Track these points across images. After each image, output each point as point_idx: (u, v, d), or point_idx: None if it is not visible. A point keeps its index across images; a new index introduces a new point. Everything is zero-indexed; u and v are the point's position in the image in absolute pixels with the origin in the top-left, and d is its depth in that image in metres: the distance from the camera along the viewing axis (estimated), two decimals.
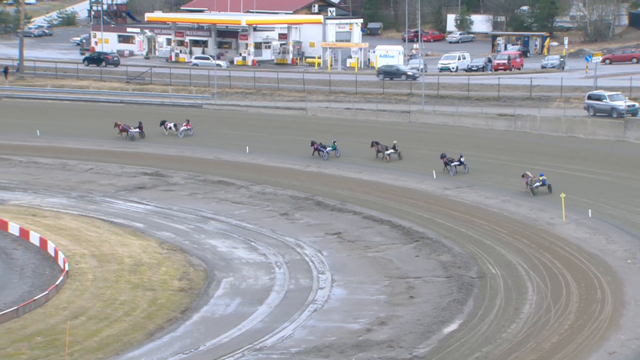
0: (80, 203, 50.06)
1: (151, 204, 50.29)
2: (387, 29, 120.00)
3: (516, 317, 33.48)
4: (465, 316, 33.81)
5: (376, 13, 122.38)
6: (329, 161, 58.71)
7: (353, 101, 73.75)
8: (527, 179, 49.79)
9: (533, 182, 49.51)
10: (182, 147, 63.01)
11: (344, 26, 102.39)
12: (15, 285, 35.72)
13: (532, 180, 49.55)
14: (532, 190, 49.40)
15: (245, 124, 67.57)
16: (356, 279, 38.53)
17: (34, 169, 57.43)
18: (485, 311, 34.15)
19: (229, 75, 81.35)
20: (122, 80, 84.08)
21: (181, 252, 41.65)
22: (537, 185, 49.45)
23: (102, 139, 65.06)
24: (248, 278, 38.58)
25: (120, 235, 43.48)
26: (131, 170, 57.12)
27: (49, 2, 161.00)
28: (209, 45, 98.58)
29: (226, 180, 54.81)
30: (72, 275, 36.83)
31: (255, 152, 61.56)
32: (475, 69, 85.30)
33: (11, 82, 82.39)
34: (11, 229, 42.46)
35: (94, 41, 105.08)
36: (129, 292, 35.75)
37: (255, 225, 46.47)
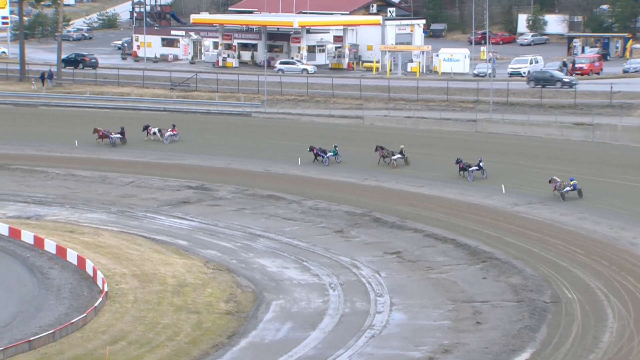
0: (121, 219, 50.64)
1: (196, 219, 50.67)
2: (452, 30, 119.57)
3: (595, 346, 33.00)
4: (537, 345, 33.41)
5: (440, 13, 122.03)
6: (388, 174, 58.57)
7: (414, 109, 73.56)
8: (554, 184, 51.65)
9: (563, 187, 51.39)
10: (230, 158, 63.41)
11: (405, 28, 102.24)
12: (51, 307, 36.20)
13: (561, 185, 51.45)
14: (563, 195, 51.19)
15: (297, 133, 67.81)
16: (417, 303, 38.33)
17: (72, 182, 58.26)
18: (560, 339, 33.72)
19: (279, 82, 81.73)
20: (165, 86, 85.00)
21: (228, 272, 41.86)
22: (568, 190, 51.33)
23: (143, 149, 65.78)
24: (300, 300, 38.61)
25: (162, 254, 43.86)
26: (175, 183, 57.63)
27: (89, 4, 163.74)
28: (258, 49, 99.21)
29: (276, 195, 55.02)
30: (111, 296, 37.23)
31: (307, 164, 61.70)
32: None
33: (48, 89, 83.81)
34: (47, 247, 43.08)
35: (136, 45, 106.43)
36: (172, 315, 36.00)
37: (308, 244, 46.54)
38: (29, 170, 60.33)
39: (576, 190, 51.42)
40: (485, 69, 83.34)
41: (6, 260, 41.80)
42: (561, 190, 51.49)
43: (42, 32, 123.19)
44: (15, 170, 60.39)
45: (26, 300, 36.74)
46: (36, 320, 34.76)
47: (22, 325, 34.15)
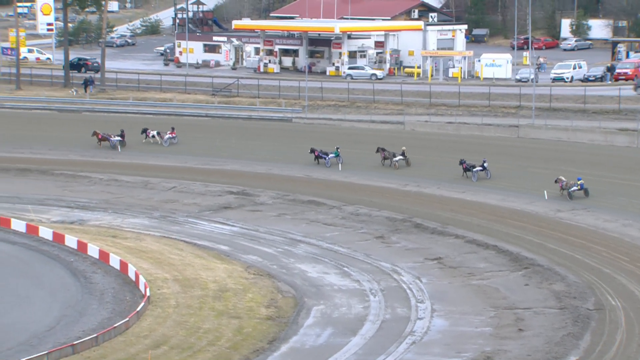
0: (163, 224, 50.99)
1: (237, 225, 50.87)
2: (494, 35, 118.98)
3: (639, 354, 32.60)
4: (581, 352, 33.12)
5: (482, 19, 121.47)
6: (428, 180, 58.41)
7: (455, 114, 73.29)
8: (561, 184, 52.96)
9: (569, 186, 52.63)
10: (271, 164, 63.59)
11: (447, 33, 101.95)
12: (94, 311, 36.52)
13: (567, 185, 52.71)
14: (570, 194, 52.51)
15: (337, 139, 67.84)
16: (459, 309, 38.16)
17: (114, 187, 58.74)
18: (604, 347, 33.39)
19: (320, 87, 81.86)
20: (207, 92, 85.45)
21: (268, 277, 41.98)
22: (575, 189, 52.59)
23: (185, 155, 66.17)
24: (340, 306, 38.61)
25: (204, 259, 44.10)
26: (216, 188, 57.91)
27: (132, 10, 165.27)
28: (299, 54, 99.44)
29: (317, 200, 55.08)
30: (153, 301, 37.48)
31: (348, 169, 61.72)
32: (593, 79, 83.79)
33: (92, 95, 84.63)
34: (90, 251, 43.50)
35: (178, 51, 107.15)
36: (213, 319, 36.16)
37: (348, 249, 46.54)
38: (72, 176, 60.92)
39: (582, 190, 52.51)
40: (528, 74, 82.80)
41: (50, 264, 42.27)
42: (568, 190, 52.62)
43: (86, 39, 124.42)
44: (60, 175, 61.03)
45: (70, 304, 37.11)
46: (79, 324, 35.08)
47: (66, 330, 34.49)
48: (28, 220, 48.70)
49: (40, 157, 65.53)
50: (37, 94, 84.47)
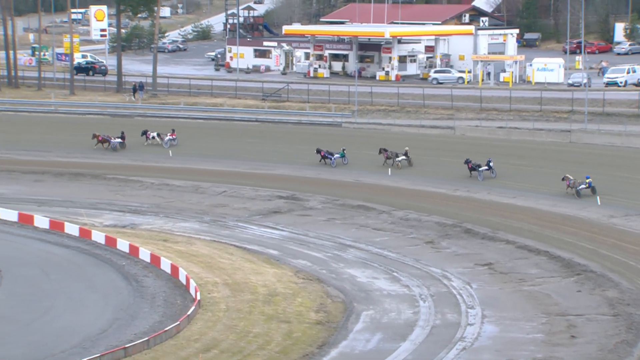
0: (213, 228, 51.28)
1: (286, 229, 51.00)
2: (546, 39, 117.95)
3: None
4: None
5: (534, 23, 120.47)
6: (479, 185, 58.05)
7: (506, 119, 72.78)
8: (568, 182, 54.36)
9: (577, 185, 54.05)
10: (320, 168, 63.68)
11: (498, 37, 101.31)
12: (146, 315, 36.82)
13: (575, 183, 54.14)
14: (578, 192, 53.98)
15: (387, 143, 67.68)
16: (509, 315, 37.87)
17: (165, 192, 59.21)
18: None
19: (370, 92, 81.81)
20: (257, 97, 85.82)
21: (318, 281, 42.01)
22: (583, 187, 54.02)
23: (236, 159, 66.48)
24: (390, 311, 38.52)
25: (254, 263, 44.26)
26: (266, 193, 58.11)
27: (184, 16, 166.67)
28: (349, 59, 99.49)
29: (366, 205, 55.02)
30: (204, 305, 37.70)
31: (398, 174, 61.58)
32: None
33: (144, 100, 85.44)
34: (142, 255, 43.87)
35: (229, 56, 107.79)
36: (263, 324, 36.27)
37: (398, 254, 46.42)
38: (124, 180, 61.50)
39: (590, 188, 53.86)
40: (581, 79, 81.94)
41: (103, 268, 42.71)
42: (576, 188, 54.06)
43: (139, 44, 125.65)
44: (112, 179, 61.65)
45: (122, 307, 37.46)
46: (131, 327, 35.38)
47: (118, 333, 34.82)
48: (81, 224, 49.28)
49: (93, 161, 66.26)
50: (90, 99, 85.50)
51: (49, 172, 62.65)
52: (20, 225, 49.41)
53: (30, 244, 46.05)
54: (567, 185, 54.73)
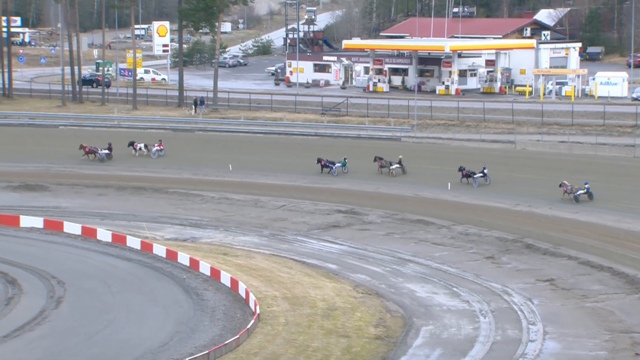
0: (272, 242, 51.47)
1: (345, 243, 50.99)
2: (609, 53, 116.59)
3: None
4: None
5: (597, 36, 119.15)
6: (540, 200, 57.46)
7: (568, 134, 72.01)
8: (565, 188, 56.26)
9: (575, 190, 55.80)
10: (379, 182, 63.60)
11: (560, 51, 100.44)
12: (206, 328, 37.05)
13: (572, 189, 55.91)
14: (576, 197, 55.93)
15: (447, 158, 67.47)
16: (572, 332, 37.37)
17: (226, 205, 59.58)
18: None
19: (430, 106, 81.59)
20: (317, 111, 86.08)
21: (377, 296, 41.91)
22: (581, 193, 55.90)
23: (295, 173, 66.70)
24: (450, 327, 38.27)
25: (312, 277, 44.31)
26: (325, 207, 58.18)
27: (244, 31, 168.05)
28: (409, 73, 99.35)
29: (426, 220, 54.79)
30: (263, 318, 37.83)
31: (457, 189, 61.24)
32: None
33: (204, 115, 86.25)
34: (202, 269, 44.18)
35: (289, 70, 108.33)
36: (322, 338, 36.27)
37: (457, 269, 46.13)
38: (185, 194, 62.03)
39: (587, 194, 55.92)
40: None
41: (164, 281, 43.11)
42: (574, 194, 56.01)
43: (200, 59, 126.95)
44: (173, 193, 62.22)
45: (182, 321, 37.75)
46: (192, 340, 35.62)
47: (179, 346, 35.08)
48: (143, 238, 49.82)
49: (155, 175, 66.96)
50: (152, 113, 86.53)
51: (111, 186, 63.47)
52: (83, 239, 50.11)
53: (93, 257, 46.67)
54: (564, 192, 56.41)
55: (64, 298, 40.02)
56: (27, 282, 41.88)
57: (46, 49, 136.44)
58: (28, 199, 60.12)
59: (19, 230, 51.41)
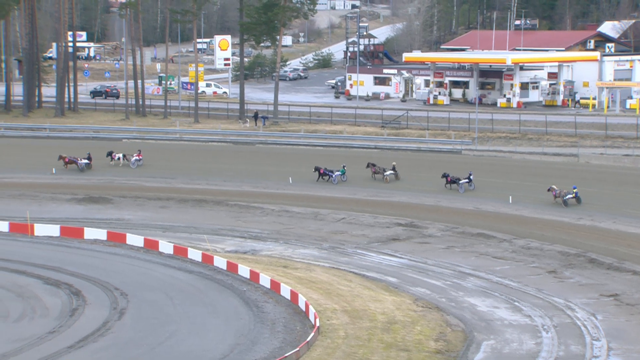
0: (332, 255, 51.49)
1: (405, 257, 50.81)
2: None
3: None
4: None
5: None
6: (603, 214, 56.67)
7: (633, 147, 70.96)
8: (554, 192, 58.41)
9: (564, 195, 58.02)
10: (439, 196, 63.31)
11: (624, 63, 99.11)
12: (266, 341, 37.16)
13: (561, 193, 58.17)
14: (565, 201, 58.23)
15: (508, 171, 66.94)
16: (637, 348, 36.76)
17: (285, 218, 59.77)
18: None
19: (491, 119, 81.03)
20: (376, 124, 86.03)
21: (437, 310, 41.67)
22: (570, 197, 58.18)
23: (354, 186, 66.67)
24: (511, 342, 37.89)
25: (372, 290, 44.21)
26: (384, 220, 58.06)
27: (305, 44, 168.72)
28: (470, 86, 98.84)
29: (486, 233, 54.38)
30: (323, 331, 37.82)
31: (519, 202, 60.68)
32: None
33: (265, 128, 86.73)
34: (262, 281, 44.36)
35: (349, 83, 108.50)
36: (382, 352, 36.15)
37: (519, 283, 45.68)
38: (245, 206, 62.36)
39: (576, 198, 58.32)
40: None
41: (224, 293, 43.37)
42: (563, 198, 58.21)
43: (261, 72, 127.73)
44: (234, 206, 62.60)
45: (243, 333, 37.91)
46: (252, 353, 35.74)
47: (239, 358, 35.20)
48: (204, 250, 50.21)
49: (216, 188, 67.47)
50: (213, 126, 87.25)
51: (173, 199, 64.08)
52: (146, 251, 50.65)
53: (155, 269, 47.15)
54: (554, 196, 58.57)
55: (126, 309, 40.48)
56: (90, 294, 42.46)
57: (110, 63, 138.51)
58: (92, 211, 61.00)
59: (83, 242, 52.17)
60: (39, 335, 36.96)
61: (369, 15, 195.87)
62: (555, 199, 58.84)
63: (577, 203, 58.57)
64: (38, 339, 36.62)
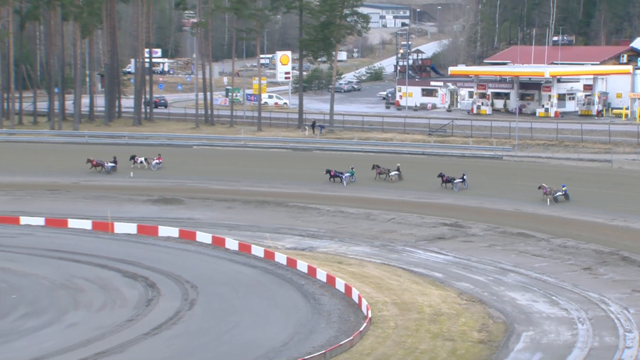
0: (383, 252, 51.35)
1: (450, 254, 50.50)
2: None
3: None
4: None
5: None
6: (636, 215, 55.75)
7: None
8: (544, 190, 58.49)
9: (554, 192, 58.05)
10: (482, 198, 62.80)
11: None
12: (322, 330, 37.20)
13: (551, 190, 58.16)
14: (556, 198, 58.46)
15: (546, 176, 66.12)
16: None
17: (340, 218, 59.75)
18: None
19: (530, 127, 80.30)
20: (424, 132, 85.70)
21: (480, 303, 41.34)
22: (560, 194, 58.40)
23: (403, 189, 66.40)
24: (549, 333, 37.45)
25: (420, 285, 44.02)
26: (431, 220, 57.75)
27: (358, 59, 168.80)
28: (510, 97, 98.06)
29: (526, 233, 53.82)
30: (374, 322, 37.76)
31: (556, 204, 59.95)
32: None
33: (321, 135, 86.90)
34: (319, 276, 44.41)
35: (399, 95, 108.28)
36: (429, 341, 35.98)
37: (556, 279, 45.12)
38: (303, 207, 62.44)
39: (565, 195, 58.75)
40: None
41: (284, 287, 43.50)
42: (554, 195, 58.41)
43: (318, 85, 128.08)
44: (292, 207, 62.72)
45: (301, 323, 38.00)
46: (309, 341, 35.81)
47: (298, 345, 35.33)
48: (266, 247, 50.41)
49: (276, 190, 67.67)
50: (275, 134, 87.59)
51: (238, 200, 64.42)
52: (213, 247, 51.01)
53: (222, 264, 47.46)
54: (544, 193, 58.71)
55: (196, 301, 40.81)
56: (164, 286, 42.89)
57: (182, 76, 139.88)
58: (165, 211, 61.59)
59: (158, 239, 52.72)
60: (118, 323, 37.47)
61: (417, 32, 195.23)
62: (547, 196, 59.07)
63: (566, 200, 58.68)
64: (117, 326, 37.12)
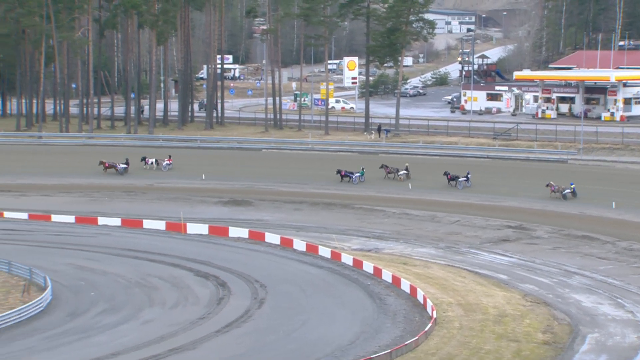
0: (447, 253, 51.01)
1: (514, 256, 49.93)
2: None
3: None
4: None
5: None
6: None
7: None
8: (552, 187, 59.57)
9: (562, 190, 58.90)
10: (546, 202, 61.93)
11: None
12: (388, 330, 37.14)
13: (559, 188, 59.04)
14: (564, 195, 59.49)
15: (611, 179, 64.95)
16: None
17: (405, 220, 59.55)
18: None
19: (595, 131, 78.90)
20: (488, 136, 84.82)
21: (545, 305, 40.78)
22: (568, 192, 59.28)
23: (468, 192, 65.83)
24: (614, 335, 36.75)
25: (484, 286, 43.61)
26: (495, 223, 57.16)
27: (424, 64, 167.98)
28: (575, 101, 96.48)
29: (590, 235, 52.92)
30: (439, 322, 37.54)
31: (622, 207, 58.79)
32: None
33: (387, 139, 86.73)
34: (384, 276, 44.35)
35: (464, 99, 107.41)
36: (494, 342, 35.63)
37: (622, 282, 44.28)
38: (369, 209, 62.36)
39: (572, 192, 59.73)
40: None
41: (351, 287, 43.53)
42: (562, 192, 59.35)
43: (384, 90, 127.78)
44: (359, 209, 62.71)
45: (367, 322, 37.98)
46: (375, 340, 35.78)
47: (364, 344, 35.32)
48: (332, 248, 50.49)
49: (343, 192, 67.65)
50: (341, 138, 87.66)
51: (305, 202, 64.64)
52: (282, 248, 51.30)
53: (290, 264, 47.69)
54: (552, 191, 59.59)
55: (265, 300, 41.09)
56: (234, 285, 43.29)
57: (252, 82, 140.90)
58: (235, 212, 62.13)
59: (228, 240, 53.23)
60: (190, 321, 37.94)
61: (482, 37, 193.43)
62: (555, 193, 59.75)
63: (574, 197, 59.59)
64: (190, 323, 37.58)
